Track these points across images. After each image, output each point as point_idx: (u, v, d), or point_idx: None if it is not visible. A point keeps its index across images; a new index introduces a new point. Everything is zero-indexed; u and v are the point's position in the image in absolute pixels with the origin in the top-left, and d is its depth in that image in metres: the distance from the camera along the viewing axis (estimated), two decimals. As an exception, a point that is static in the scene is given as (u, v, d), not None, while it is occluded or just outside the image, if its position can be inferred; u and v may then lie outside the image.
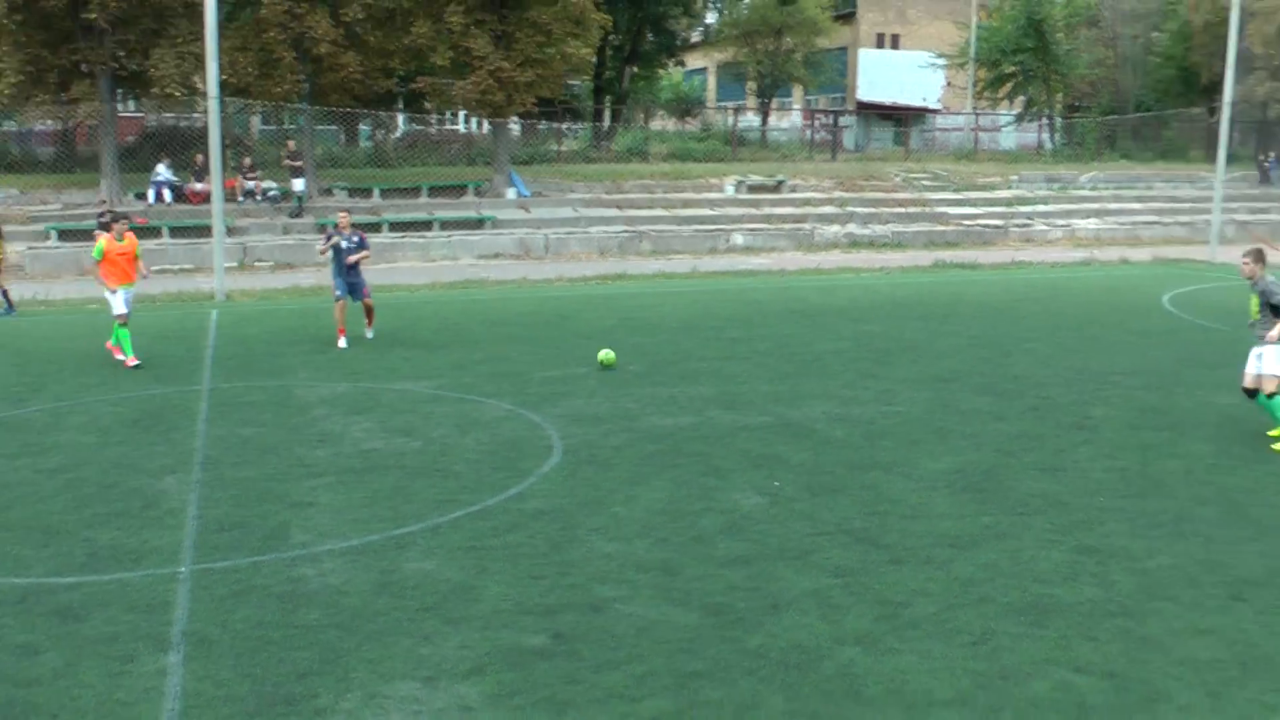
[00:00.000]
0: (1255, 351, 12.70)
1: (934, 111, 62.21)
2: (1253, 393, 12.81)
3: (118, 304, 17.05)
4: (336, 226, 18.67)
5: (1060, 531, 9.61)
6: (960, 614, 7.82)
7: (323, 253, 19.31)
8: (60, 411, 14.41)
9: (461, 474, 11.11)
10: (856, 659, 7.12)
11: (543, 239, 33.67)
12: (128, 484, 11.15)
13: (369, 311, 18.99)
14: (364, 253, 18.80)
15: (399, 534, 9.40)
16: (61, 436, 13.13)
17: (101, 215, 31.02)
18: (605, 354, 16.68)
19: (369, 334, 19.04)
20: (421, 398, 14.65)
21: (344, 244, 18.45)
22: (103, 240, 17.39)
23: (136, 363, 16.79)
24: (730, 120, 51.62)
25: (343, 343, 18.33)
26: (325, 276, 27.29)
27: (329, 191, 36.71)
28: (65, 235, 32.30)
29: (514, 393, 14.66)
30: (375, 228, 33.60)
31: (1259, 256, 12.56)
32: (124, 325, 16.99)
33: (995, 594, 8.20)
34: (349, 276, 18.61)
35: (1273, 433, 12.69)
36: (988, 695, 6.70)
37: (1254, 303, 12.69)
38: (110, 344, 17.47)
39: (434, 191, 36.74)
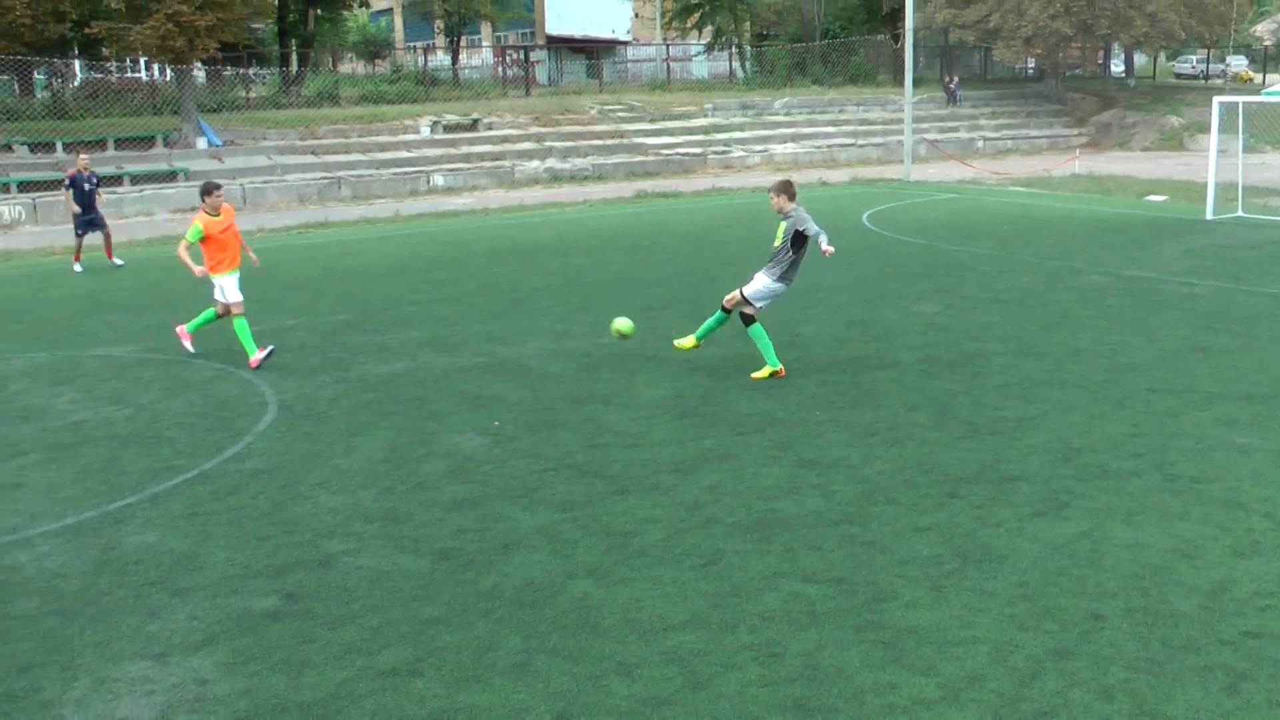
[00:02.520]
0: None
1: (625, 43, 62.94)
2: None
3: (231, 291, 13.69)
4: (78, 169, 21.61)
5: (779, 447, 10.04)
6: (688, 537, 8.11)
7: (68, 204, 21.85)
8: None
9: (176, 439, 10.78)
10: (590, 591, 7.30)
11: (239, 189, 32.62)
12: None
13: (108, 240, 21.97)
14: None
15: (116, 508, 9.07)
16: None
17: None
18: (622, 325, 12.89)
19: (116, 262, 21.78)
20: (127, 362, 14.07)
21: (86, 185, 21.50)
22: (199, 219, 13.52)
23: (267, 353, 13.51)
24: (420, 60, 50.91)
25: (78, 268, 21.52)
26: (12, 241, 26.07)
27: (8, 147, 34.57)
28: None
29: (223, 351, 14.23)
30: (61, 184, 31.90)
31: (782, 188, 12.32)
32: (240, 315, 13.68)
33: (721, 514, 8.52)
34: (89, 213, 21.50)
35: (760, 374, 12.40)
36: (721, 614, 6.99)
37: (781, 229, 12.46)
38: (185, 329, 14.37)
39: (121, 144, 35.03)
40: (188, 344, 14.27)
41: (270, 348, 13.59)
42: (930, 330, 14.48)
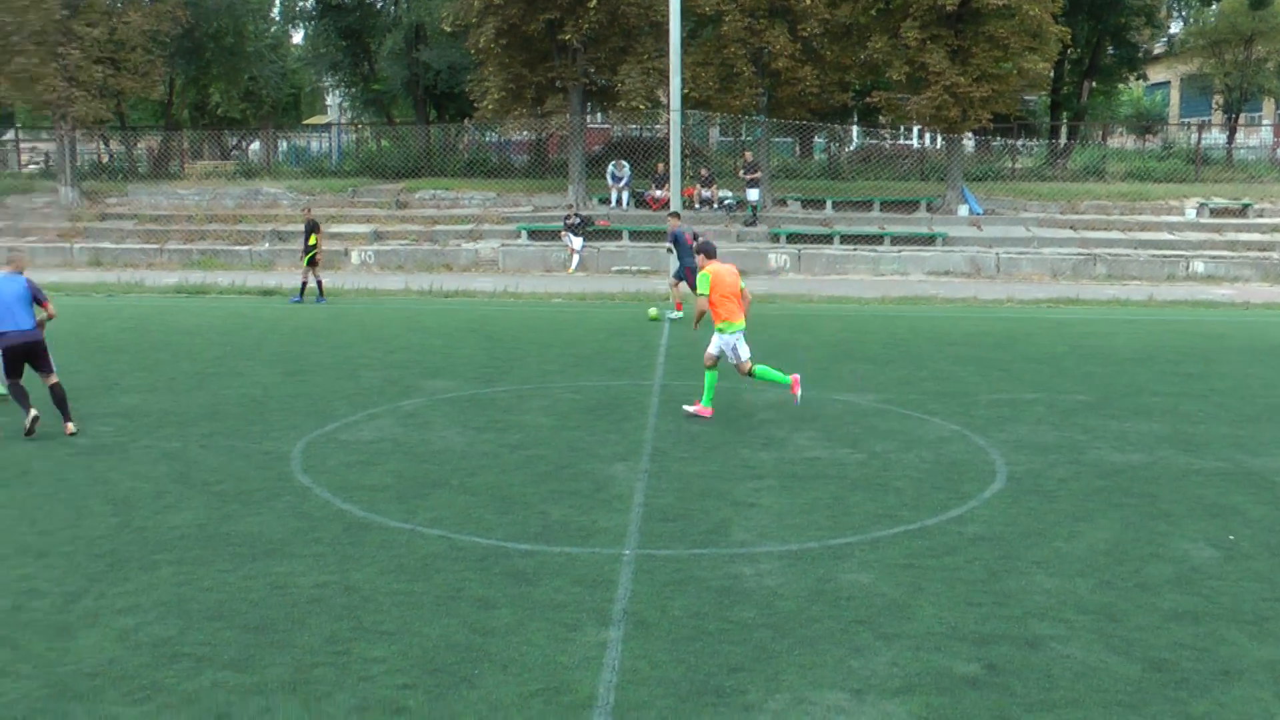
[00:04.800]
0: None
1: None
2: None
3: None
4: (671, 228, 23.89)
5: None
6: None
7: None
8: (524, 394, 15.58)
9: (902, 490, 11.13)
10: (1316, 746, 6.59)
11: (994, 258, 33.04)
12: (580, 466, 11.93)
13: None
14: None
15: (836, 544, 9.53)
16: (524, 417, 14.23)
17: (568, 218, 33.20)
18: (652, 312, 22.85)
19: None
20: (866, 410, 14.75)
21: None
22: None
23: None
24: (1193, 137, 48.70)
25: (677, 315, 23.44)
26: (776, 285, 28.31)
27: (782, 202, 37.47)
28: (533, 234, 34.83)
29: (959, 413, 14.51)
30: (826, 239, 34.11)
31: None
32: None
33: None
34: (684, 263, 22.31)
35: None
36: None
37: None
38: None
39: (885, 206, 36.83)
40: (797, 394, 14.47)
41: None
42: None
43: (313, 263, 26.49)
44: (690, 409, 14.32)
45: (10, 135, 58.10)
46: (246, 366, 17.80)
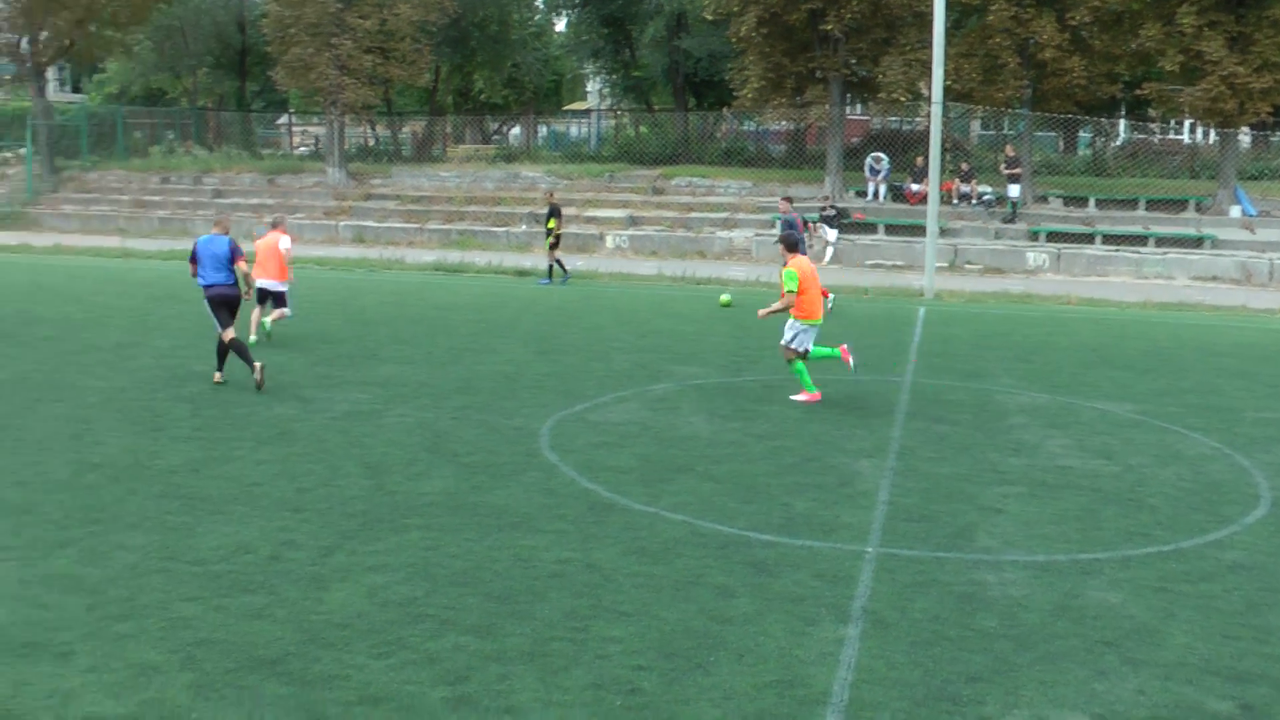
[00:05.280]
0: None
1: None
2: None
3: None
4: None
5: None
6: None
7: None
8: (771, 384, 15.63)
9: (1157, 508, 10.65)
10: None
11: (1267, 264, 31.31)
12: (826, 460, 11.88)
13: None
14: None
15: (1085, 559, 9.20)
16: (771, 407, 14.31)
17: (824, 209, 33.00)
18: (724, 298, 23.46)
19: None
20: (1122, 420, 14.20)
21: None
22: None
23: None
24: None
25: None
26: (1033, 285, 27.63)
27: (1043, 199, 36.41)
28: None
29: (1222, 430, 13.81)
30: (1088, 239, 32.99)
31: None
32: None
33: None
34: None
35: None
36: None
37: None
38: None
39: (1151, 205, 35.31)
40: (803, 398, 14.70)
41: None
42: None
43: (553, 245, 27.26)
44: (799, 398, 14.65)
45: (284, 119, 61.38)
46: (500, 344, 18.32)
